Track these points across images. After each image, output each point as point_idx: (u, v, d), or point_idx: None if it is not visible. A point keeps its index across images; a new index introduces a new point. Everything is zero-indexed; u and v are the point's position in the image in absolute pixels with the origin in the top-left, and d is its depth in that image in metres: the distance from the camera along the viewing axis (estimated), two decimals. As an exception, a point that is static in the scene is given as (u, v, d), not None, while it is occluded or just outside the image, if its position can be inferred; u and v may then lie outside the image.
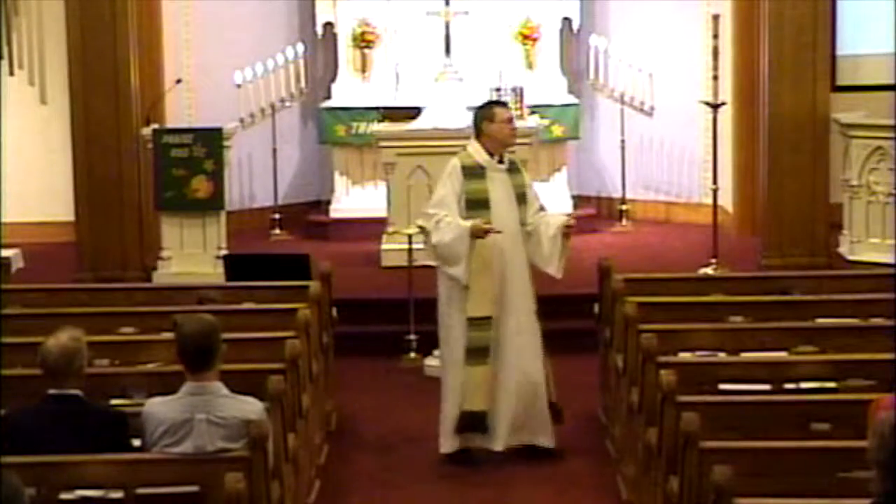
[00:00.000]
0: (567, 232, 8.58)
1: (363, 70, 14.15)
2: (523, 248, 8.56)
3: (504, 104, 8.83)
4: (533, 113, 13.21)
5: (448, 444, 8.58)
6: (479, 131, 8.61)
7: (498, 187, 8.52)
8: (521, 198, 8.58)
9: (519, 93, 12.98)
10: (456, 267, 8.39)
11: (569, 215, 9.34)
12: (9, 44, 13.76)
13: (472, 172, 8.50)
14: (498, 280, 8.47)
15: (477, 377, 8.45)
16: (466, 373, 8.44)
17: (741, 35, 13.24)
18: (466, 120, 12.50)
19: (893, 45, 12.42)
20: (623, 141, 14.20)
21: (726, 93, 12.65)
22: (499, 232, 8.38)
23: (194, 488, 5.92)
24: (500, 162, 8.58)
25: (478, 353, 8.44)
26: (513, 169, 8.64)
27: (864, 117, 11.85)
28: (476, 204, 8.46)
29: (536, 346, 8.59)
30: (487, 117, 8.61)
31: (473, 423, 8.47)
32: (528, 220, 8.58)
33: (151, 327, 8.35)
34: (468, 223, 8.37)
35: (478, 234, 8.35)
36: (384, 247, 12.29)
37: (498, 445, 8.54)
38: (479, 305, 8.45)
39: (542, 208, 8.73)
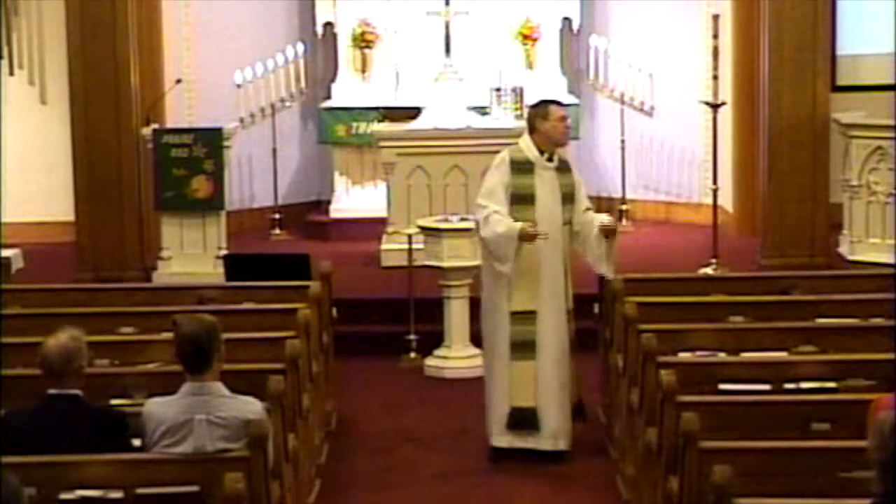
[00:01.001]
0: (607, 231, 8.50)
1: (363, 70, 14.16)
2: (562, 247, 8.51)
3: (559, 102, 8.74)
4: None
5: (498, 439, 8.55)
6: (532, 128, 8.55)
7: (545, 184, 8.46)
8: (568, 197, 8.51)
9: (519, 93, 12.97)
10: (503, 264, 8.35)
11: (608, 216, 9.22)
12: (9, 44, 13.75)
13: (521, 167, 8.45)
14: (536, 276, 8.48)
15: (523, 373, 8.45)
16: (511, 367, 8.45)
17: (741, 35, 13.23)
18: (466, 120, 12.62)
19: (893, 45, 12.43)
20: (623, 141, 14.20)
21: (726, 93, 12.64)
22: (545, 236, 8.34)
23: (194, 488, 5.91)
24: (550, 160, 8.52)
25: (523, 348, 8.44)
26: (562, 168, 8.57)
27: (864, 117, 11.84)
28: (521, 199, 8.41)
29: (565, 346, 8.58)
30: (541, 115, 8.54)
31: (524, 420, 8.46)
32: (576, 220, 8.54)
33: (151, 327, 8.33)
34: (518, 225, 8.31)
35: (526, 237, 8.29)
36: (384, 247, 12.28)
37: (545, 445, 8.53)
38: (524, 299, 8.43)
39: (589, 208, 8.66)
